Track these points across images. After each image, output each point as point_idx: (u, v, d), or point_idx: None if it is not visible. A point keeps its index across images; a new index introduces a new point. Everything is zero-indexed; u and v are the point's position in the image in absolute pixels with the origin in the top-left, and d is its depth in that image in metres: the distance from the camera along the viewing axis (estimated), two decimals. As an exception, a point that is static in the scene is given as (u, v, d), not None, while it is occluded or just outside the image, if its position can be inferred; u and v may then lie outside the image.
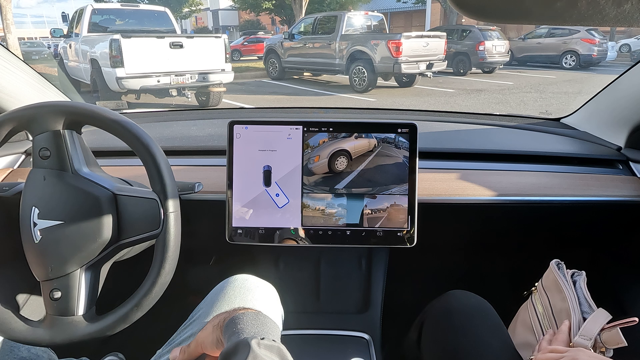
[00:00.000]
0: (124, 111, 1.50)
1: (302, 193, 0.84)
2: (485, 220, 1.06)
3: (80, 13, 6.41)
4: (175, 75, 5.61)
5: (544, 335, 0.75)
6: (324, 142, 0.84)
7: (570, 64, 10.35)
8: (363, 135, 0.84)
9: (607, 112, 1.11)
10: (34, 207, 0.64)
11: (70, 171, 0.66)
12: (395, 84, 8.19)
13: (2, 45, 0.96)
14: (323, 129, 0.84)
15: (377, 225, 0.84)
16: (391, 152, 0.83)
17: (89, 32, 6.18)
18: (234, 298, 0.73)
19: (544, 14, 0.29)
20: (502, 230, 1.15)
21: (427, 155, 1.00)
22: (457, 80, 8.77)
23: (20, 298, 0.93)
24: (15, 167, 1.00)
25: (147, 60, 5.43)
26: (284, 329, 0.82)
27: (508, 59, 9.95)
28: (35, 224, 0.64)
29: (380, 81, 7.81)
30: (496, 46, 9.37)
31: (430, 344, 0.79)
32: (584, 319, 0.71)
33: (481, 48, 9.16)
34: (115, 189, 0.67)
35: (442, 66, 7.97)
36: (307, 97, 7.40)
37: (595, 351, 0.66)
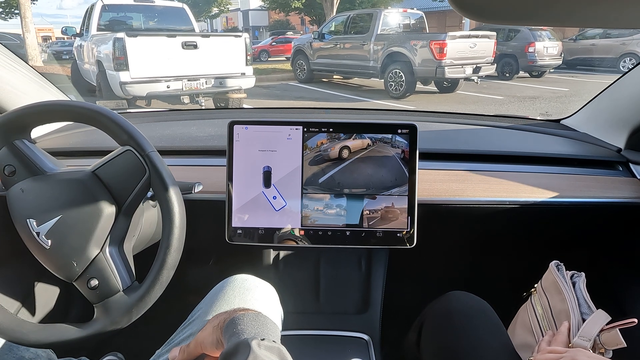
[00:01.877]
0: (124, 111, 1.50)
1: (302, 194, 0.84)
2: (484, 221, 1.06)
3: (91, 9, 5.70)
4: (188, 80, 4.85)
5: (543, 336, 0.75)
6: (321, 143, 0.84)
7: (629, 68, 9.25)
8: (358, 137, 0.84)
9: (607, 113, 1.11)
10: (28, 220, 0.64)
11: (41, 172, 0.67)
12: (435, 89, 7.34)
13: (2, 45, 0.96)
14: (323, 129, 0.84)
15: (376, 226, 0.84)
16: (385, 149, 0.84)
17: (98, 30, 5.45)
18: (233, 298, 0.73)
19: (544, 15, 0.29)
20: (502, 231, 1.15)
21: (427, 155, 1.00)
22: (504, 85, 7.85)
23: (20, 298, 0.93)
24: None
25: (155, 63, 4.70)
26: (284, 329, 0.82)
27: (560, 62, 8.84)
28: (38, 233, 0.64)
29: (418, 85, 6.98)
30: (547, 47, 8.32)
31: (430, 344, 0.79)
32: (583, 320, 0.71)
33: (531, 50, 8.13)
34: (90, 168, 0.67)
35: (490, 70, 6.99)
36: (336, 103, 6.77)
37: (594, 352, 0.66)
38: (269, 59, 15.12)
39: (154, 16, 6.27)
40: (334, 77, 8.91)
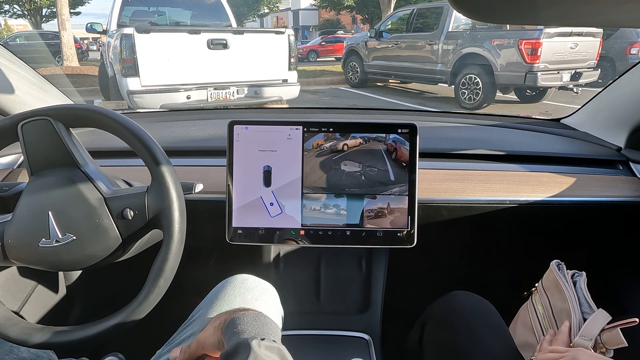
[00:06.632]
0: (124, 112, 1.50)
1: (302, 194, 0.84)
2: (485, 221, 1.06)
3: (113, 2, 4.88)
4: (215, 89, 3.86)
5: (544, 335, 0.75)
6: (317, 144, 0.84)
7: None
8: (357, 136, 0.84)
9: (607, 112, 1.11)
10: (40, 243, 0.64)
11: (4, 219, 0.67)
12: (515, 98, 6.13)
13: (2, 46, 0.96)
14: (323, 129, 0.84)
15: (377, 226, 0.84)
16: (375, 145, 0.84)
17: (118, 26, 4.50)
18: (233, 298, 0.73)
19: (544, 15, 0.29)
20: (502, 231, 1.15)
21: (427, 155, 1.00)
22: (601, 95, 6.39)
23: (20, 299, 0.93)
24: (15, 167, 1.00)
25: (173, 67, 3.69)
26: (284, 329, 0.82)
27: (672, 66, 7.17)
28: (57, 240, 0.64)
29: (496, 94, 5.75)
30: (656, 48, 6.69)
31: (432, 344, 0.79)
32: (584, 320, 0.71)
33: (634, 51, 6.69)
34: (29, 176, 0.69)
35: (592, 77, 5.55)
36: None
37: (595, 351, 0.66)
38: (318, 59, 14.53)
39: (187, 9, 5.37)
40: (390, 81, 7.86)
